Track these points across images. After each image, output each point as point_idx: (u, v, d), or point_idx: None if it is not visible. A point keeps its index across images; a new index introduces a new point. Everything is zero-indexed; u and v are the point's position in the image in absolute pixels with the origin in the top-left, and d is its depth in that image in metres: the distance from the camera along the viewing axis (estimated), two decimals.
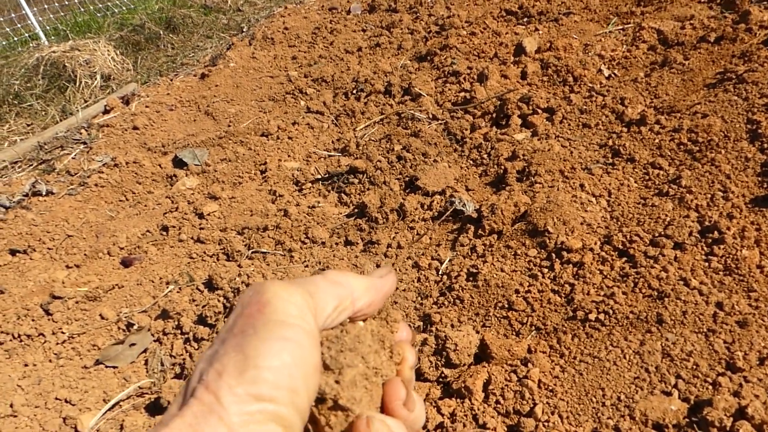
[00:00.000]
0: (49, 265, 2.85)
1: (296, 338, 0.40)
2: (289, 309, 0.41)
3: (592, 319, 1.78)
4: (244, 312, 0.41)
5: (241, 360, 0.38)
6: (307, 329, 0.41)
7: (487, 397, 1.65)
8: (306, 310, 0.42)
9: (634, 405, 1.51)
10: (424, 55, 4.13)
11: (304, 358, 0.40)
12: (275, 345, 0.39)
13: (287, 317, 0.41)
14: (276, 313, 0.40)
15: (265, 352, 0.38)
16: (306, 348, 0.40)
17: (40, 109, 4.82)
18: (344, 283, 0.47)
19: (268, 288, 0.43)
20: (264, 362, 0.38)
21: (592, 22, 3.92)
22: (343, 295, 0.46)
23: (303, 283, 0.45)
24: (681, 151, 2.39)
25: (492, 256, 2.22)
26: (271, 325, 0.40)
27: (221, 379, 0.37)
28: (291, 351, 0.39)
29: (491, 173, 2.75)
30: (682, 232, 1.95)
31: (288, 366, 0.39)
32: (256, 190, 3.16)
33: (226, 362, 0.38)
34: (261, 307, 0.41)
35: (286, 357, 0.39)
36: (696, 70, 2.88)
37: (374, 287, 0.50)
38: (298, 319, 0.41)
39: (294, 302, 0.42)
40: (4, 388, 2.13)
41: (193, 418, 0.36)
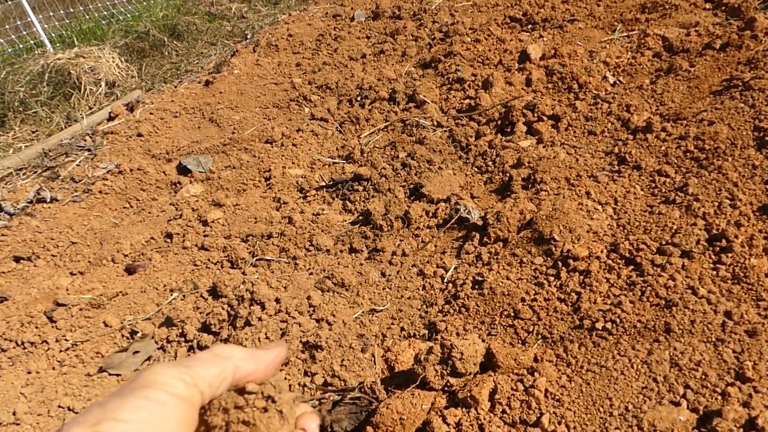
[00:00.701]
0: (53, 272, 2.85)
1: (158, 398, 0.44)
2: (156, 377, 0.45)
3: (599, 327, 1.76)
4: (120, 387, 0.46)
5: (101, 413, 0.41)
6: (172, 392, 0.45)
7: (494, 406, 1.64)
8: (176, 378, 0.46)
9: (642, 415, 1.49)
10: (428, 62, 4.13)
11: (163, 415, 0.43)
12: (134, 402, 0.43)
13: (152, 383, 0.45)
14: (143, 381, 0.45)
15: (123, 407, 0.42)
16: (168, 407, 0.44)
17: (44, 116, 4.83)
18: (225, 354, 0.52)
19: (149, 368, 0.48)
20: (121, 416, 0.41)
21: (596, 29, 3.92)
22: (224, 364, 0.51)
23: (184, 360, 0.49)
24: (687, 158, 2.37)
25: (498, 264, 2.20)
26: (135, 388, 0.44)
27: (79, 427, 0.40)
28: (149, 408, 0.43)
29: (496, 181, 2.74)
30: (690, 241, 1.93)
31: (144, 420, 0.42)
32: (260, 197, 3.16)
33: (87, 416, 0.41)
34: (134, 380, 0.46)
35: (143, 413, 0.42)
36: (702, 77, 2.87)
37: (255, 357, 0.54)
38: (163, 384, 0.45)
39: (164, 372, 0.46)
40: (7, 395, 2.12)
41: None
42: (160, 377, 0.45)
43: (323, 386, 1.90)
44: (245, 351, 0.54)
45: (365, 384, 1.85)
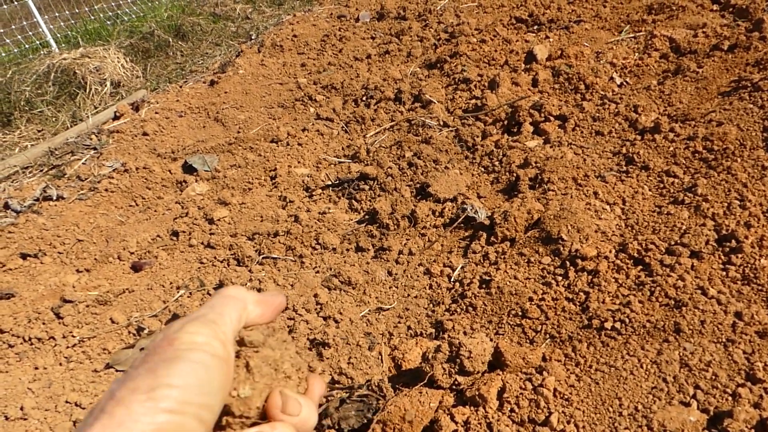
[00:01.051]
0: (60, 269, 2.85)
1: (203, 361, 0.45)
2: (195, 338, 0.46)
3: (608, 327, 1.76)
4: (156, 347, 0.46)
5: (152, 379, 0.42)
6: (212, 353, 0.46)
7: (502, 405, 1.63)
8: (211, 337, 0.47)
9: (651, 415, 1.48)
10: (434, 63, 4.13)
11: (209, 378, 0.45)
12: (183, 366, 0.44)
13: (194, 345, 0.46)
14: (184, 343, 0.46)
15: (173, 373, 0.43)
16: (213, 369, 0.45)
17: (50, 116, 4.84)
18: (238, 296, 0.54)
19: (175, 326, 0.48)
20: (173, 381, 0.42)
21: (603, 30, 3.91)
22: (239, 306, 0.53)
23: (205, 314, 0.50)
24: (696, 159, 2.37)
25: (505, 264, 2.20)
26: (180, 352, 0.45)
27: (133, 394, 0.41)
28: (197, 372, 0.44)
29: (503, 180, 2.74)
30: (699, 241, 1.93)
31: (195, 385, 0.43)
32: (266, 196, 3.15)
33: (139, 382, 0.42)
34: (170, 340, 0.46)
35: (192, 378, 0.44)
36: (710, 78, 2.86)
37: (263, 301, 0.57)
38: (204, 345, 0.46)
39: (200, 332, 0.47)
40: (15, 390, 2.12)
41: (102, 429, 0.39)
42: (198, 338, 0.46)
43: (330, 384, 1.89)
44: (254, 294, 0.56)
45: (372, 382, 1.84)
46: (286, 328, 0.46)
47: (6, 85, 5.21)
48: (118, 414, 0.40)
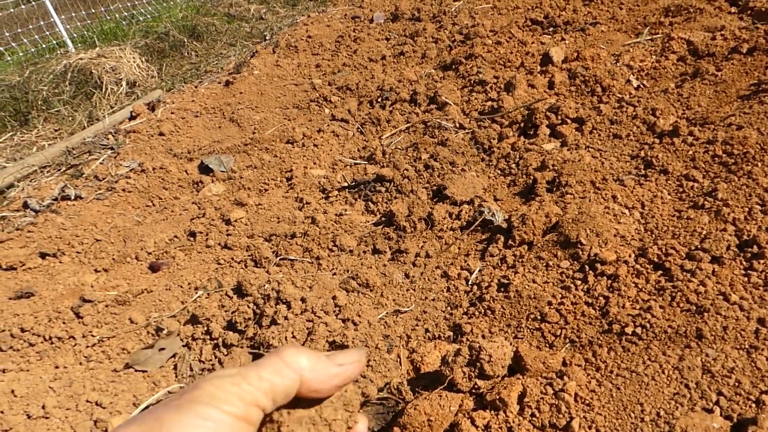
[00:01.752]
0: (78, 268, 2.87)
1: (213, 417, 0.42)
2: (215, 392, 0.43)
3: (629, 332, 1.75)
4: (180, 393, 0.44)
5: (157, 426, 0.40)
6: (228, 410, 0.43)
7: (522, 409, 1.63)
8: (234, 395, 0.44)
9: (674, 421, 1.48)
10: (448, 64, 4.13)
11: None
12: (190, 420, 0.41)
13: (209, 399, 0.43)
14: (201, 396, 0.43)
15: (179, 424, 0.40)
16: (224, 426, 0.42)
17: (67, 115, 4.89)
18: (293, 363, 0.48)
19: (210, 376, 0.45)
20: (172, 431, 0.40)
21: (619, 32, 3.90)
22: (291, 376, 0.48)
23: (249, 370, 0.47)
24: (716, 163, 2.35)
25: (523, 267, 2.20)
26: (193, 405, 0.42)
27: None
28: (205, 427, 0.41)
29: (520, 183, 2.73)
30: (720, 246, 1.92)
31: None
32: (282, 197, 3.17)
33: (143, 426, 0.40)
34: (191, 390, 0.44)
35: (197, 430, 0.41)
36: (729, 81, 2.84)
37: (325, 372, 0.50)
38: (220, 402, 0.43)
39: (222, 387, 0.44)
40: (36, 389, 2.14)
41: None
42: (218, 392, 0.44)
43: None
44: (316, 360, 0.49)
45: (391, 385, 1.85)
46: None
47: (23, 84, 5.26)
48: None
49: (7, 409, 2.08)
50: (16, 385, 2.16)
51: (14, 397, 2.13)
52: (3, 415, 2.05)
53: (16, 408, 2.08)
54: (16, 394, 2.14)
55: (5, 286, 2.79)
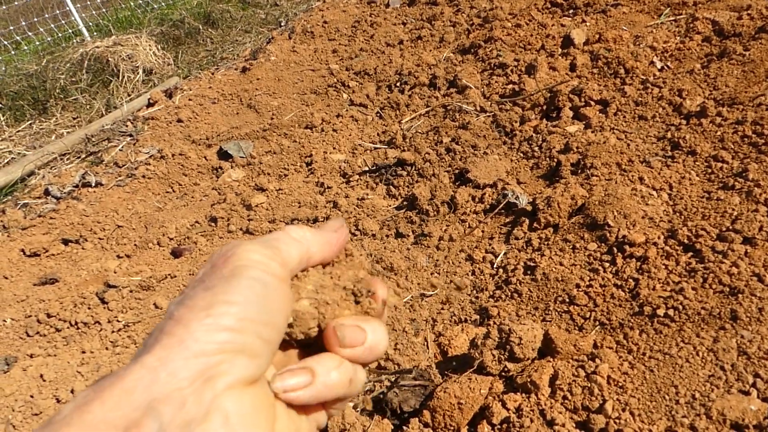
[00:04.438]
0: (101, 254, 2.89)
1: (260, 278, 0.43)
2: (252, 256, 0.44)
3: (661, 314, 1.73)
4: (212, 266, 0.44)
5: (210, 296, 0.41)
6: (270, 271, 0.44)
7: (554, 392, 1.62)
8: (269, 258, 0.45)
9: (710, 404, 1.46)
10: (467, 48, 4.08)
11: (268, 295, 0.43)
12: (241, 283, 0.42)
13: (251, 262, 0.43)
14: (241, 260, 0.43)
15: (231, 290, 0.41)
16: (270, 286, 0.43)
17: (85, 103, 4.90)
18: (302, 239, 0.50)
19: (234, 245, 0.46)
20: (231, 297, 0.41)
21: (641, 13, 3.83)
22: (302, 249, 0.50)
23: (266, 239, 0.48)
24: (745, 144, 2.31)
25: (549, 250, 2.17)
26: (237, 269, 0.43)
27: (191, 312, 0.40)
28: (255, 288, 0.42)
29: (543, 166, 2.70)
30: (752, 227, 1.88)
31: (253, 302, 0.41)
32: (303, 182, 3.16)
33: (196, 300, 0.41)
34: (227, 258, 0.44)
35: (251, 294, 0.42)
36: (757, 61, 2.78)
37: (328, 242, 0.53)
38: (262, 264, 0.44)
39: (257, 251, 0.45)
40: (65, 374, 2.16)
41: (162, 350, 0.38)
42: (255, 256, 0.44)
43: (378, 369, 1.90)
44: (319, 236, 0.52)
45: (420, 367, 1.84)
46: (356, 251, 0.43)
47: (41, 73, 5.28)
48: (177, 333, 0.39)
49: (37, 393, 2.10)
50: (44, 370, 2.18)
51: (43, 382, 2.15)
52: (33, 399, 2.07)
53: (45, 392, 2.10)
54: (45, 379, 2.16)
55: (29, 273, 2.81)
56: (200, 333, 0.38)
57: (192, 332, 0.38)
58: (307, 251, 0.50)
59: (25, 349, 2.31)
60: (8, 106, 4.91)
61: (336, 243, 0.53)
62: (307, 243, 0.50)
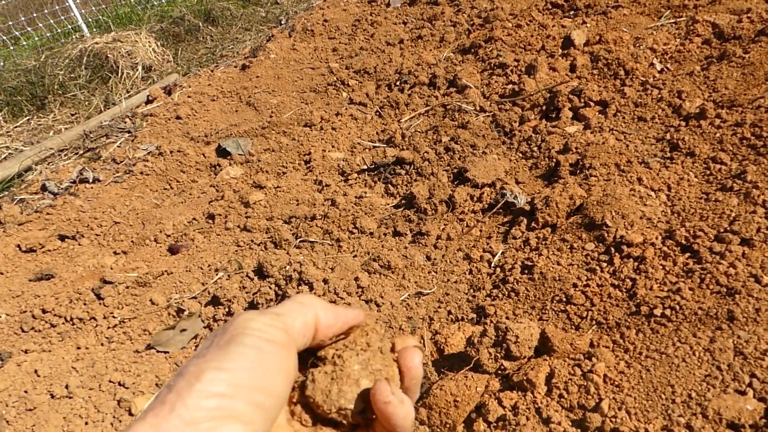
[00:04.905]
0: (98, 251, 2.88)
1: (256, 345, 0.44)
2: (249, 324, 0.45)
3: (658, 314, 1.72)
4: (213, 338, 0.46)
5: (202, 363, 0.42)
6: (267, 338, 0.45)
7: (550, 390, 1.61)
8: (267, 325, 0.46)
9: (706, 403, 1.45)
10: (467, 48, 4.08)
11: (263, 361, 0.43)
12: (233, 350, 0.43)
13: (247, 330, 0.45)
14: (237, 329, 0.45)
15: (223, 357, 0.42)
16: (267, 353, 0.44)
17: (83, 99, 4.89)
18: (310, 304, 0.52)
19: (235, 316, 0.47)
20: (222, 364, 0.42)
21: (642, 15, 3.83)
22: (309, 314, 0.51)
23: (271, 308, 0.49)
24: (744, 145, 2.31)
25: (547, 249, 2.17)
26: (233, 338, 0.44)
27: (183, 380, 0.41)
28: (248, 354, 0.43)
29: (542, 166, 2.70)
30: (750, 228, 1.88)
31: (246, 368, 0.42)
32: (301, 179, 3.15)
33: (189, 368, 0.42)
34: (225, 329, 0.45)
35: (243, 360, 0.42)
36: (757, 63, 2.78)
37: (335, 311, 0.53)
38: (258, 331, 0.45)
39: (255, 319, 0.46)
40: (60, 369, 2.15)
41: (154, 418, 0.39)
42: (253, 324, 0.45)
43: None
44: (325, 303, 0.53)
45: None
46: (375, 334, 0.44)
47: (39, 69, 5.27)
48: (169, 401, 0.40)
49: (31, 389, 2.09)
50: (39, 365, 2.17)
51: (37, 377, 2.14)
52: (27, 394, 2.06)
53: (39, 388, 2.09)
54: (40, 374, 2.15)
55: (25, 268, 2.80)
56: (191, 400, 0.39)
57: (183, 399, 0.39)
58: (314, 316, 0.51)
59: (19, 345, 2.31)
60: (6, 101, 4.90)
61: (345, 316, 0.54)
62: (314, 308, 0.52)
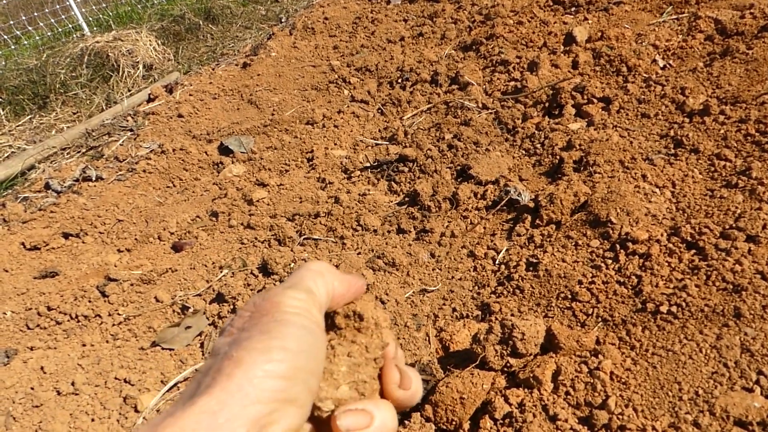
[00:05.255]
0: (101, 248, 2.88)
1: (308, 326, 0.45)
2: (298, 304, 0.46)
3: (664, 311, 1.72)
4: (259, 310, 0.45)
5: (267, 339, 0.42)
6: (314, 320, 0.47)
7: (557, 387, 1.61)
8: (310, 305, 0.47)
9: (713, 400, 1.46)
10: (469, 45, 4.08)
11: (315, 344, 0.45)
12: (294, 331, 0.43)
13: (300, 310, 0.46)
14: (290, 307, 0.45)
15: (286, 336, 0.43)
16: (316, 335, 0.45)
17: (85, 98, 4.89)
18: (325, 272, 0.52)
19: (274, 291, 0.48)
20: (287, 344, 0.42)
21: (644, 11, 3.83)
22: (328, 285, 0.52)
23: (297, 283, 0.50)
24: (748, 142, 2.31)
25: (552, 247, 2.17)
26: (288, 315, 0.44)
27: (250, 355, 0.41)
28: (305, 337, 0.44)
29: (545, 163, 2.70)
30: (756, 225, 1.88)
31: (304, 350, 0.43)
32: (304, 177, 3.15)
33: (253, 342, 0.42)
34: (274, 304, 0.45)
35: (303, 342, 0.43)
36: (760, 59, 2.78)
37: (346, 280, 0.54)
38: (307, 312, 0.46)
39: (300, 299, 0.47)
40: (65, 366, 2.15)
41: (221, 393, 0.39)
42: (298, 303, 0.46)
43: None
44: (337, 272, 0.54)
45: (421, 363, 1.84)
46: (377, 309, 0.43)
47: (41, 68, 5.26)
48: (236, 376, 0.40)
49: (37, 385, 2.09)
50: (45, 362, 2.18)
51: (44, 374, 2.14)
52: (33, 391, 2.07)
53: (45, 385, 2.09)
54: (46, 371, 2.15)
55: (30, 266, 2.80)
56: (258, 379, 0.40)
57: (250, 378, 0.40)
58: (332, 286, 0.52)
59: (25, 342, 2.31)
60: (8, 100, 4.89)
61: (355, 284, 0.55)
62: (332, 278, 0.52)
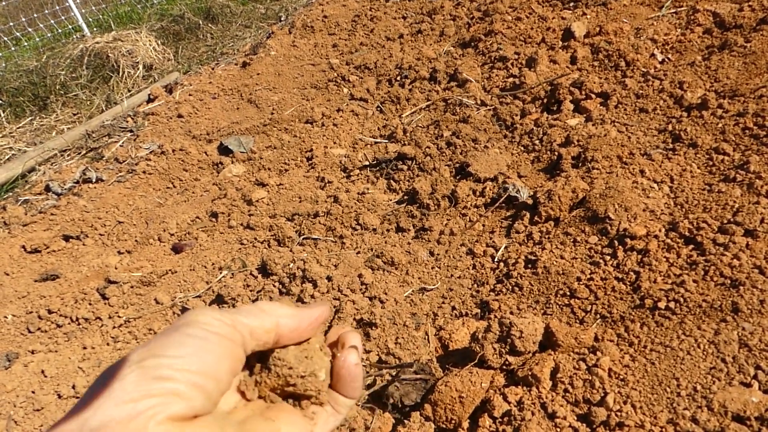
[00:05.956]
0: (102, 250, 2.89)
1: (200, 335, 0.45)
2: (197, 318, 0.47)
3: (662, 307, 1.72)
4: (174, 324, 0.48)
5: (145, 351, 0.43)
6: (212, 330, 0.47)
7: (555, 385, 1.62)
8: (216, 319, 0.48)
9: (711, 396, 1.46)
10: (467, 42, 4.07)
11: (206, 349, 0.45)
12: (177, 339, 0.45)
13: (193, 322, 0.46)
14: (184, 321, 0.47)
15: (167, 345, 0.44)
16: (210, 342, 0.46)
17: (85, 99, 4.89)
18: (269, 309, 0.53)
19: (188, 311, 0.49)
20: (165, 352, 0.43)
21: (642, 5, 3.81)
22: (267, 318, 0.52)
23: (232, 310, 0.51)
24: (747, 136, 2.30)
25: (550, 243, 2.17)
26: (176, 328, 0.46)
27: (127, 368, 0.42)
28: (192, 344, 0.44)
29: (544, 159, 2.70)
30: (754, 219, 1.87)
31: (188, 354, 0.44)
32: (303, 176, 3.15)
33: (132, 356, 0.43)
34: (176, 321, 0.48)
35: (186, 349, 0.44)
36: (759, 52, 2.77)
37: (298, 316, 0.55)
38: (205, 324, 0.47)
39: (203, 313, 0.48)
40: (66, 369, 2.16)
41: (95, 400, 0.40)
42: (200, 317, 0.47)
43: (378, 363, 1.90)
44: (289, 309, 0.55)
45: (420, 362, 1.84)
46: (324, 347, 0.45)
47: (41, 69, 5.27)
48: (111, 386, 0.41)
49: (38, 389, 2.10)
50: (45, 366, 2.19)
51: (44, 378, 2.15)
52: (34, 395, 2.08)
53: (47, 388, 2.10)
54: (46, 375, 2.16)
55: (30, 269, 2.81)
56: (132, 383, 0.41)
57: (125, 384, 0.41)
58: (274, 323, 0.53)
59: (26, 345, 2.32)
60: (8, 102, 4.91)
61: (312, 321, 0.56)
62: (275, 315, 0.53)
